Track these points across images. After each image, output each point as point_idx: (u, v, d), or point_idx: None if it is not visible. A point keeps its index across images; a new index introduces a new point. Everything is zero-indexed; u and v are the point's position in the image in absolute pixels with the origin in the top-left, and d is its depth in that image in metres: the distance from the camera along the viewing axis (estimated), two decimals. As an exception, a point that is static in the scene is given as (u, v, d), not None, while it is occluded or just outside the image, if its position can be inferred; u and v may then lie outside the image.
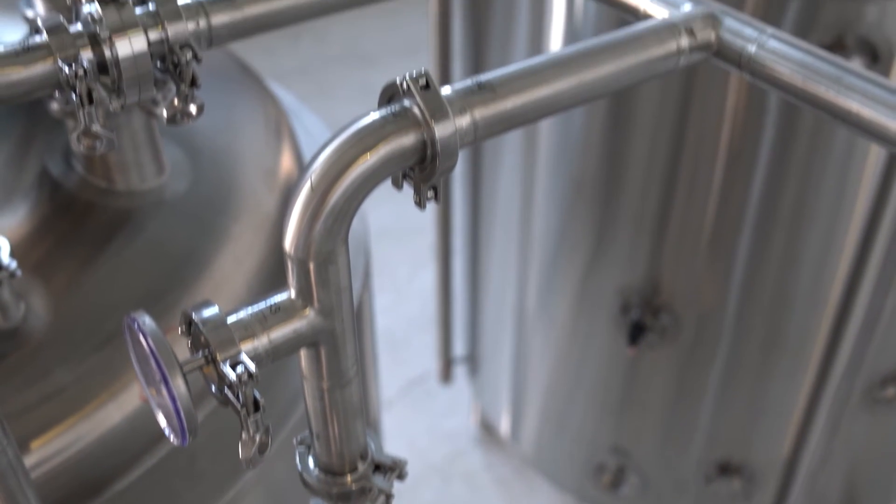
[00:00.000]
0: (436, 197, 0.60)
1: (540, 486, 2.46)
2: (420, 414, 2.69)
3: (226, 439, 0.72)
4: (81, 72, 0.64)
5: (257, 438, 0.60)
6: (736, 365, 1.88)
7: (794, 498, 2.01)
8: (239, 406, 0.58)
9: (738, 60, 0.73)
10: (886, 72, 1.55)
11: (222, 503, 0.97)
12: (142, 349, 0.59)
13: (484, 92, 0.60)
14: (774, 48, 0.72)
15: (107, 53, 0.66)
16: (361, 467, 0.71)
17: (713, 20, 0.74)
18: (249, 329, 0.60)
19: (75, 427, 0.92)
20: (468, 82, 0.60)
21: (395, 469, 0.72)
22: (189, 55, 0.66)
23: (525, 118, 0.62)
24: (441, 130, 0.57)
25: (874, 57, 1.56)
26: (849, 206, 1.66)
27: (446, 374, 2.48)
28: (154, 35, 0.67)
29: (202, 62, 0.67)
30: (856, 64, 1.54)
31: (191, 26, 0.68)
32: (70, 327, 1.00)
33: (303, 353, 0.65)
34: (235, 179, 1.18)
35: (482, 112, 0.59)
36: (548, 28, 1.75)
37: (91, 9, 0.66)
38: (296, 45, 4.17)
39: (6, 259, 0.92)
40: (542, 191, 1.91)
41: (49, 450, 0.91)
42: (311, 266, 0.58)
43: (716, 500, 2.11)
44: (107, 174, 1.11)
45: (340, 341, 0.62)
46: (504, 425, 2.43)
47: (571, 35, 1.73)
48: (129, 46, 0.65)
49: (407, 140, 0.57)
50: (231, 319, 0.60)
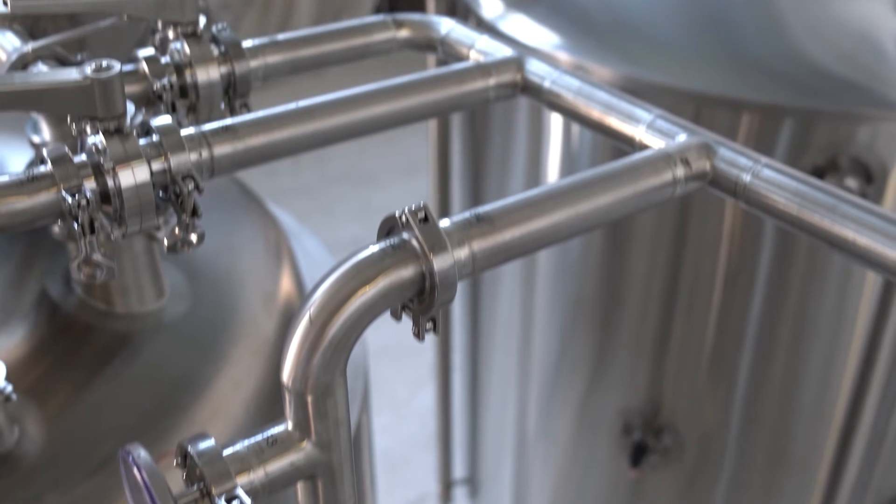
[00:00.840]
0: (434, 328, 0.59)
1: None
2: (419, 536, 2.64)
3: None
4: (84, 202, 0.65)
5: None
6: (741, 485, 1.85)
7: None
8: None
9: (734, 189, 0.74)
10: (881, 192, 1.57)
11: None
12: (135, 481, 0.58)
13: (482, 224, 0.60)
14: (769, 177, 0.73)
15: (110, 184, 0.66)
16: None
17: (708, 150, 0.75)
18: (245, 462, 0.59)
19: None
20: (466, 215, 0.61)
21: None
22: (191, 185, 0.67)
23: (523, 250, 0.62)
24: (439, 263, 0.57)
25: (868, 178, 1.58)
26: (849, 324, 1.66)
27: (446, 496, 2.44)
28: (157, 165, 0.68)
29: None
30: (851, 183, 1.57)
31: (193, 157, 0.69)
32: (63, 452, 0.99)
33: (300, 486, 0.64)
34: (235, 303, 1.18)
35: (480, 244, 0.60)
36: (545, 150, 1.77)
37: (95, 140, 0.67)
38: (296, 163, 4.23)
39: (2, 382, 0.91)
40: (542, 310, 1.91)
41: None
42: (309, 399, 0.57)
43: None
44: (106, 297, 1.11)
45: (338, 474, 0.62)
46: (505, 549, 2.38)
47: (568, 158, 1.75)
48: (132, 177, 0.66)
49: (406, 273, 0.57)
50: (227, 452, 0.59)
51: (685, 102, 1.68)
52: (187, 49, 0.81)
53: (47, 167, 0.67)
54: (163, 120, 0.69)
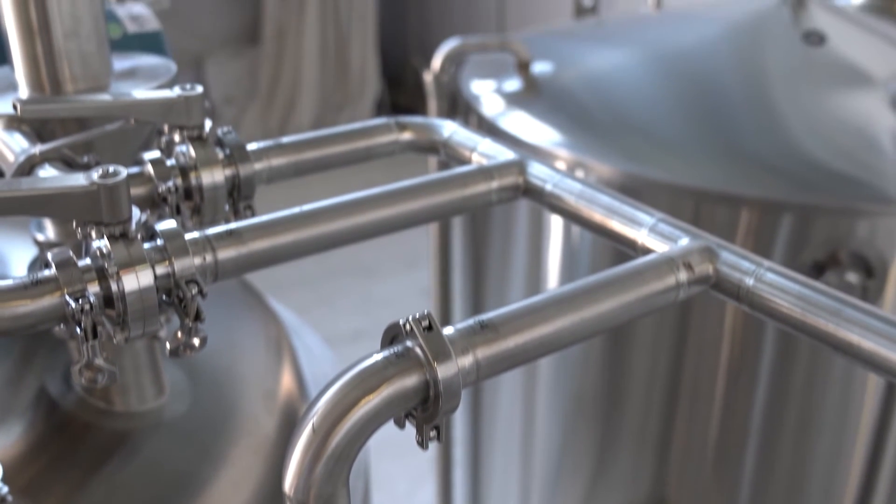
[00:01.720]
0: (438, 437, 0.59)
1: None
2: None
3: None
4: (88, 306, 0.65)
5: None
6: (747, 587, 1.81)
7: None
8: None
9: (737, 293, 0.74)
10: (882, 286, 1.57)
11: None
12: None
13: (486, 332, 0.60)
14: (772, 281, 0.73)
15: (113, 288, 0.67)
16: None
17: (710, 254, 0.75)
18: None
19: None
20: (470, 322, 0.61)
21: None
22: (195, 290, 0.67)
23: (527, 356, 0.62)
24: (443, 371, 0.57)
25: (869, 272, 1.58)
26: (854, 421, 1.65)
27: None
28: (160, 269, 0.68)
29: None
30: (852, 278, 1.57)
31: (197, 261, 0.69)
32: (60, 555, 0.97)
33: None
34: (235, 401, 1.18)
35: (484, 352, 0.60)
36: (546, 244, 1.78)
37: (100, 244, 0.67)
38: (298, 256, 4.24)
39: (-2, 484, 0.90)
40: (543, 406, 1.89)
41: None
42: (311, 509, 0.57)
43: None
44: (106, 395, 1.11)
45: (339, 585, 0.60)
46: None
47: (569, 252, 1.76)
48: (136, 281, 0.66)
49: (410, 381, 0.57)
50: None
51: (685, 199, 1.69)
52: (193, 152, 0.82)
53: (51, 271, 0.67)
54: (167, 224, 0.70)
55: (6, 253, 1.32)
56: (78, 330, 0.66)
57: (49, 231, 1.01)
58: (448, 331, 0.60)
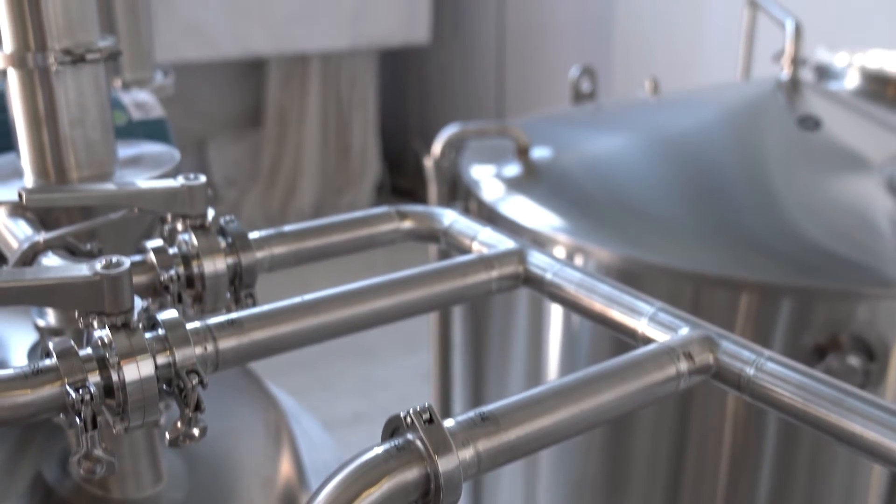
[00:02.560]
0: (439, 531, 0.58)
1: None
2: None
3: None
4: (88, 396, 0.65)
5: None
6: None
7: None
8: None
9: (738, 383, 0.74)
10: (884, 370, 1.57)
11: None
12: None
13: (487, 424, 0.60)
14: (773, 370, 0.73)
15: (114, 378, 0.67)
16: None
17: (710, 343, 0.75)
18: None
19: None
20: (471, 414, 0.61)
21: None
22: (195, 380, 0.67)
23: (529, 449, 0.62)
24: (445, 465, 0.57)
25: (870, 355, 1.58)
26: (859, 506, 1.63)
27: None
28: (161, 359, 0.68)
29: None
30: (853, 361, 1.57)
31: (198, 351, 0.70)
32: None
33: None
34: (233, 488, 1.17)
35: (485, 444, 0.60)
36: (546, 328, 1.78)
37: (102, 334, 0.67)
38: (297, 338, 4.23)
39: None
40: (544, 492, 1.87)
41: None
42: None
43: None
44: (103, 482, 1.10)
45: None
46: None
47: (569, 343, 1.76)
48: (137, 371, 0.66)
49: (410, 475, 0.57)
50: None
51: (685, 282, 1.69)
52: (195, 240, 0.83)
53: (52, 361, 0.67)
54: (169, 314, 0.70)
55: (6, 337, 1.33)
56: (77, 420, 0.66)
57: (50, 317, 1.01)
58: (449, 423, 0.60)
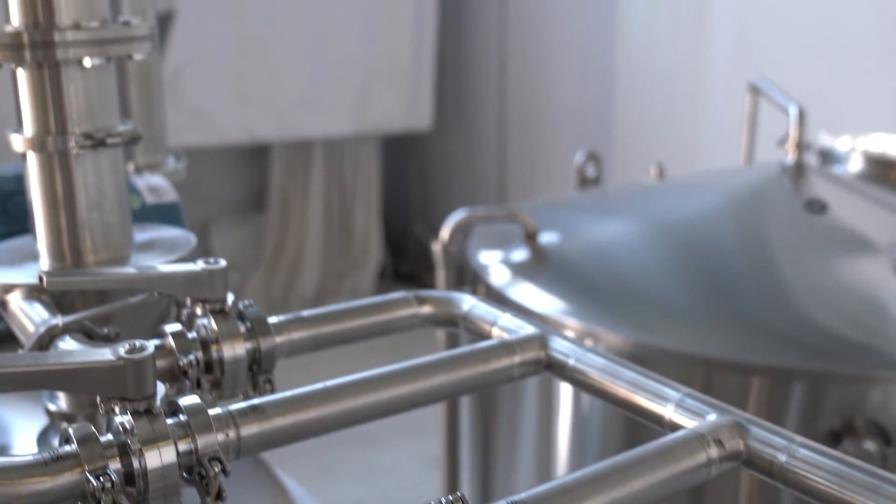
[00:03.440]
0: None
1: None
2: None
3: None
4: (109, 484, 0.63)
5: None
6: None
7: None
8: None
9: (770, 470, 0.72)
10: (901, 454, 1.55)
11: None
12: None
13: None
14: (805, 457, 0.72)
15: (135, 464, 0.65)
16: None
17: (740, 429, 0.74)
18: None
19: None
20: (502, 503, 0.59)
21: None
22: (217, 468, 0.65)
23: (564, 539, 0.60)
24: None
25: (886, 440, 1.56)
26: None
27: None
28: (183, 446, 0.67)
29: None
30: (870, 446, 1.55)
31: (220, 437, 0.68)
32: None
33: None
34: (243, 580, 1.14)
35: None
36: (555, 421, 1.76)
37: (123, 419, 0.66)
38: (299, 423, 4.18)
39: None
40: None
41: None
42: None
43: None
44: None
45: None
46: None
47: (579, 429, 1.74)
48: (159, 458, 0.65)
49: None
50: None
51: (695, 367, 1.68)
52: (215, 325, 0.82)
53: (72, 447, 0.66)
54: (190, 399, 0.69)
55: (13, 422, 1.31)
56: (96, 509, 0.64)
57: (62, 401, 1.00)
58: (482, 512, 0.59)
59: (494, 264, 2.05)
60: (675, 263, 1.96)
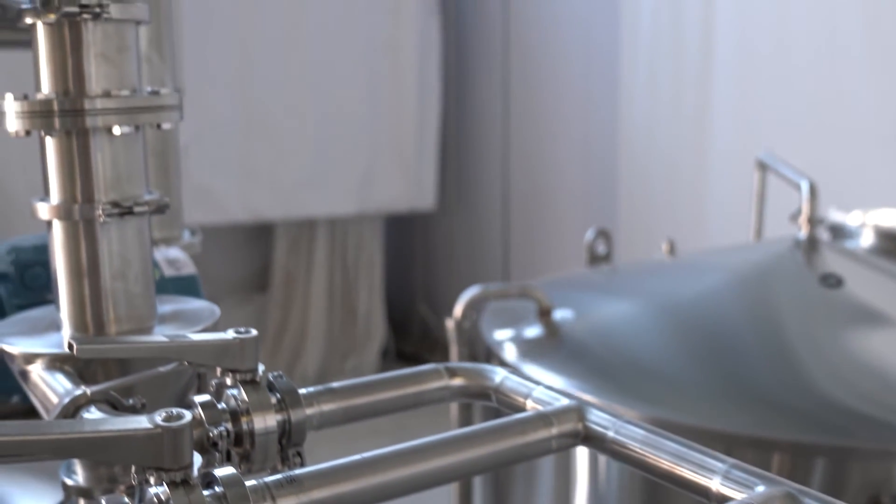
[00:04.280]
0: None
1: None
2: None
3: None
4: (141, 560, 0.61)
5: None
6: None
7: None
8: None
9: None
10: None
11: None
12: None
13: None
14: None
15: (168, 538, 0.63)
16: None
17: (792, 501, 0.72)
18: None
19: None
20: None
21: None
22: (255, 542, 0.63)
23: None
24: None
25: (915, 515, 1.53)
26: None
27: None
28: (218, 518, 0.64)
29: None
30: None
31: (257, 510, 0.66)
32: None
33: None
34: None
35: None
36: (572, 498, 1.73)
37: (158, 491, 0.64)
38: None
39: None
40: None
41: None
42: None
43: None
44: None
45: None
46: None
47: (595, 495, 1.71)
48: (193, 532, 0.62)
49: None
50: None
51: (715, 443, 1.64)
52: (245, 396, 0.80)
53: (105, 520, 0.63)
54: (226, 471, 0.66)
55: (23, 498, 1.28)
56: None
57: (79, 475, 0.97)
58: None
59: (508, 341, 2.03)
60: (692, 340, 1.94)
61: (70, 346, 0.77)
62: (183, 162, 1.60)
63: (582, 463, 1.74)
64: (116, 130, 0.91)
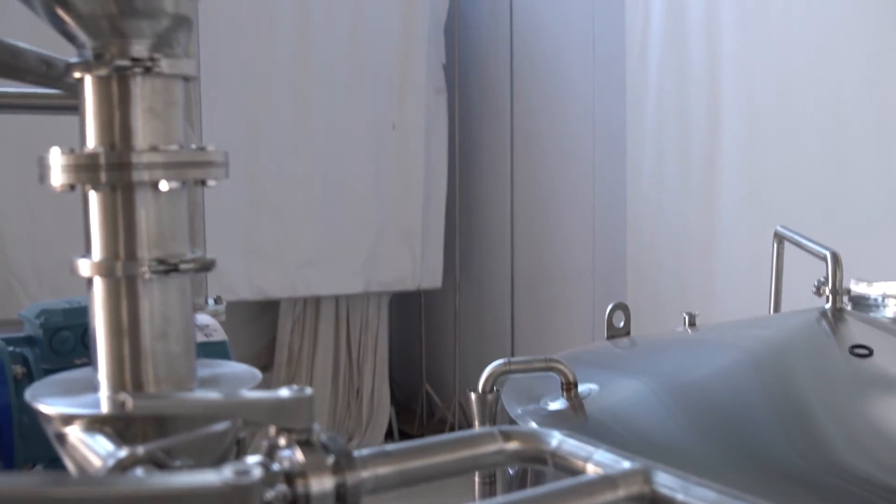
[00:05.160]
0: None
1: None
2: None
3: None
4: None
5: None
6: None
7: None
8: None
9: None
10: None
11: None
12: None
13: None
14: None
15: None
16: None
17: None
18: None
19: None
20: None
21: None
22: None
23: None
24: None
25: None
26: None
27: None
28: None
29: None
30: None
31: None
32: None
33: None
34: None
35: None
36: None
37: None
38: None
39: None
40: None
41: None
42: None
43: None
44: None
45: None
46: None
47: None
48: None
49: None
50: None
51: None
52: (300, 457, 0.76)
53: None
54: (291, 533, 0.63)
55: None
56: None
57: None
58: None
59: (533, 414, 1.98)
60: (720, 414, 1.90)
61: (122, 404, 0.74)
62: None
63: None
64: (164, 185, 0.89)
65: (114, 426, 0.87)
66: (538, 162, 5.86)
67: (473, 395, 1.99)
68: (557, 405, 2.00)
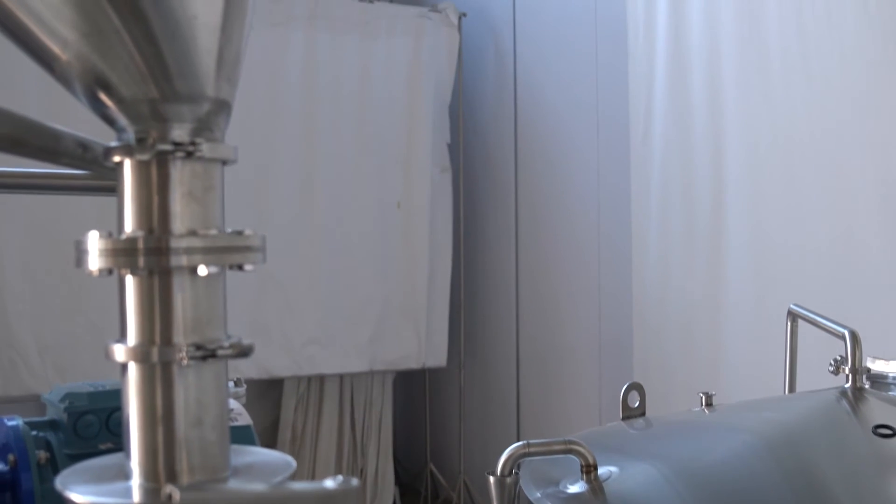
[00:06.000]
0: None
1: None
2: None
3: None
4: None
5: None
6: None
7: None
8: None
9: None
10: None
11: None
12: None
13: None
14: None
15: None
16: None
17: None
18: None
19: None
20: None
21: None
22: None
23: None
24: None
25: None
26: None
27: None
28: None
29: None
30: None
31: None
32: None
33: None
34: None
35: None
36: None
37: None
38: None
39: None
40: None
41: None
42: None
43: None
44: None
45: None
46: None
47: None
48: None
49: None
50: None
51: None
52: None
53: None
54: None
55: None
56: None
57: None
58: None
59: (553, 498, 1.95)
60: (744, 498, 1.87)
61: (169, 496, 0.72)
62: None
63: None
64: (202, 271, 0.88)
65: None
66: (543, 240, 5.87)
67: (492, 478, 1.96)
68: (577, 488, 1.97)
